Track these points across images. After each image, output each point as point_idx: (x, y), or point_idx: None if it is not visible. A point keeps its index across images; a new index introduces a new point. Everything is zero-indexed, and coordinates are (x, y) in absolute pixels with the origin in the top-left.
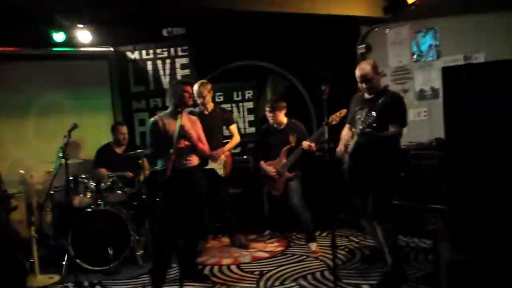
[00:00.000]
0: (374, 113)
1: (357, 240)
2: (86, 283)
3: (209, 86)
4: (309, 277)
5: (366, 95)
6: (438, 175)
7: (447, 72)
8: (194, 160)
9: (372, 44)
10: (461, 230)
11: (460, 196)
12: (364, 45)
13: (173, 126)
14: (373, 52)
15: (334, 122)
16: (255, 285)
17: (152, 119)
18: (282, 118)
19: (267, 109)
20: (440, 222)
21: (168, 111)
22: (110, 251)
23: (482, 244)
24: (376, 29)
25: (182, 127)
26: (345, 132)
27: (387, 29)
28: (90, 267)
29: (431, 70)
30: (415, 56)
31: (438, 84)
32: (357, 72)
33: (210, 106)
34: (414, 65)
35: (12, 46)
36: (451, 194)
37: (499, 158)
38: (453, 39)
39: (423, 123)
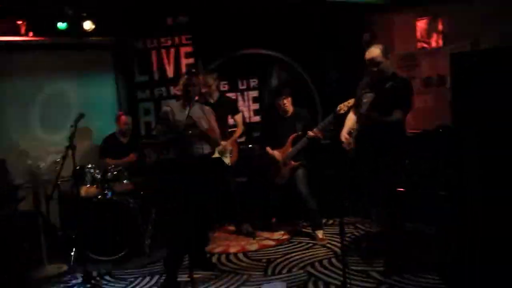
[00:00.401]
0: (379, 97)
1: (363, 227)
2: (94, 273)
3: (214, 75)
4: (317, 264)
5: (374, 79)
6: (443, 162)
7: (455, 59)
8: (206, 149)
9: (377, 31)
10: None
11: (463, 183)
12: (369, 32)
13: (182, 116)
14: (378, 39)
15: (342, 111)
16: (262, 273)
17: (164, 107)
18: (289, 105)
19: (273, 95)
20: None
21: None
22: (117, 241)
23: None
24: (382, 16)
25: (189, 117)
26: (350, 118)
27: (393, 16)
28: (98, 257)
29: (437, 56)
30: (421, 43)
31: (444, 71)
32: (367, 55)
33: (216, 95)
34: (420, 52)
35: (17, 36)
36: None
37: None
38: (459, 25)
39: (429, 110)
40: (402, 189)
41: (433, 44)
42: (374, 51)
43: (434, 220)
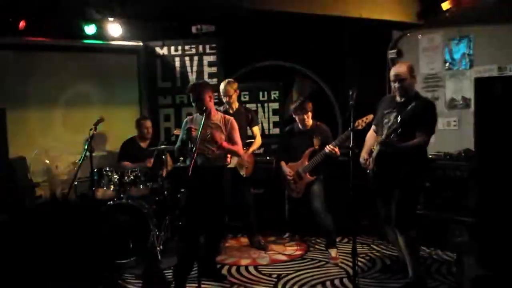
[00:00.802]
0: (399, 119)
1: (378, 248)
2: (106, 275)
3: (235, 85)
4: (328, 283)
5: (398, 98)
6: (466, 186)
7: (480, 83)
8: (221, 159)
9: (404, 49)
10: (489, 245)
11: (489, 209)
12: (395, 50)
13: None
14: (404, 57)
15: (359, 127)
16: None
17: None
18: (308, 120)
19: (293, 109)
20: (466, 235)
21: None
22: (130, 245)
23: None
24: (408, 34)
25: (202, 127)
26: (370, 136)
27: (420, 35)
28: (110, 260)
29: (463, 79)
30: (447, 64)
31: (469, 93)
32: (392, 71)
33: (235, 105)
34: (446, 73)
35: (44, 37)
36: (480, 207)
37: None
38: (487, 48)
39: (453, 133)
40: (421, 213)
41: (460, 65)
42: (400, 67)
43: (454, 247)
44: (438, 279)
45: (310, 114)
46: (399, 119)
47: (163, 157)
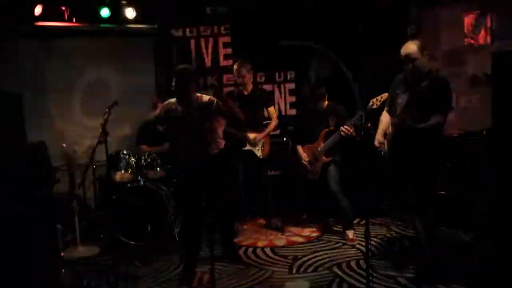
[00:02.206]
0: (413, 98)
1: (397, 230)
2: (124, 257)
3: (248, 66)
4: (344, 265)
5: (410, 77)
6: (488, 165)
7: (498, 58)
8: (211, 148)
9: (423, 25)
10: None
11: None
12: (414, 26)
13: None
14: (424, 34)
15: (374, 106)
16: (287, 270)
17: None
18: (323, 103)
19: (307, 99)
20: (486, 215)
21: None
22: (148, 227)
23: None
24: (428, 9)
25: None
26: (384, 117)
27: (440, 10)
28: (129, 242)
29: (485, 54)
30: (468, 39)
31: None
32: (402, 51)
33: (250, 86)
34: (467, 48)
35: (60, 21)
36: (498, 185)
37: None
38: (509, 22)
39: (475, 110)
40: (442, 193)
41: (481, 41)
42: (410, 47)
43: (472, 227)
44: (457, 261)
45: (324, 98)
46: (412, 98)
47: None
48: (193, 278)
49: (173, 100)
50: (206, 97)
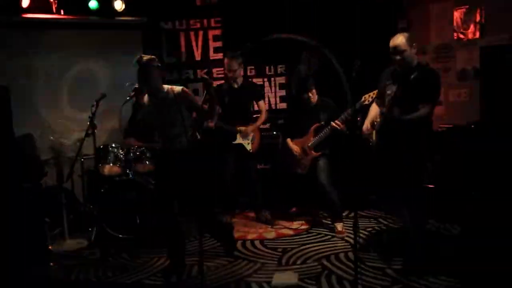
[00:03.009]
0: (401, 90)
1: (385, 222)
2: (112, 250)
3: (239, 60)
4: (332, 257)
5: (399, 69)
6: (476, 159)
7: (486, 52)
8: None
9: (414, 19)
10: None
11: (493, 181)
12: (404, 20)
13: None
14: (414, 27)
15: (366, 102)
16: (276, 262)
17: None
18: (313, 97)
19: (295, 90)
20: (473, 208)
21: None
22: (137, 220)
23: None
24: (419, 4)
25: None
26: (373, 108)
27: (430, 4)
28: (117, 235)
29: (474, 49)
30: (458, 34)
31: None
32: (390, 43)
33: (240, 80)
34: (457, 43)
35: (48, 13)
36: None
37: None
38: (498, 17)
39: (463, 105)
40: (430, 186)
41: (470, 35)
42: (398, 39)
43: (460, 220)
44: (444, 254)
45: (314, 90)
46: (401, 89)
47: None
48: (182, 270)
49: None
50: (177, 88)
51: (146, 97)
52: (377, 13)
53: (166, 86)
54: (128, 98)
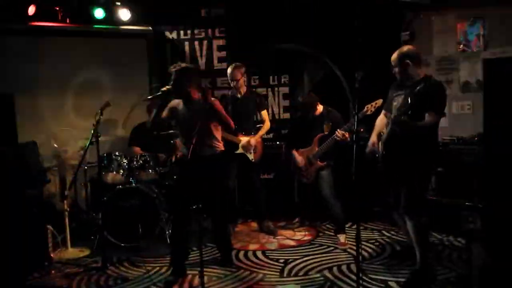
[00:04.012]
0: (409, 100)
1: (389, 235)
2: (114, 259)
3: (243, 69)
4: (335, 269)
5: (405, 81)
6: (479, 172)
7: (489, 64)
8: (206, 151)
9: (417, 31)
10: (499, 233)
11: (498, 195)
12: (408, 32)
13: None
14: (417, 39)
15: (369, 112)
16: (278, 274)
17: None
18: (317, 109)
19: (300, 108)
20: (478, 222)
21: None
22: (139, 229)
23: None
24: (422, 16)
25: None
26: (380, 120)
27: (433, 17)
28: (119, 243)
29: (477, 61)
30: (461, 46)
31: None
32: (392, 57)
33: (243, 89)
34: (460, 55)
35: (54, 22)
36: (488, 193)
37: None
38: (502, 29)
39: (466, 117)
40: (433, 198)
41: (474, 48)
42: (393, 56)
43: (465, 233)
44: (448, 266)
45: (317, 104)
46: (408, 100)
47: (172, 142)
48: (183, 280)
49: (178, 100)
50: (210, 100)
51: (177, 102)
52: (381, 25)
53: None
54: (149, 97)
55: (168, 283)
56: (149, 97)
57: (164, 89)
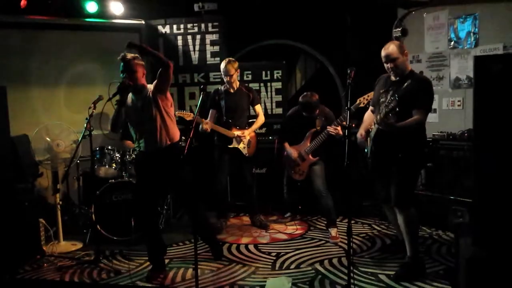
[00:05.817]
0: (396, 97)
1: (379, 228)
2: (107, 252)
3: (236, 65)
4: (326, 262)
5: (392, 77)
6: (468, 167)
7: (479, 61)
8: (160, 139)
9: (408, 28)
10: (486, 226)
11: (486, 190)
12: (400, 29)
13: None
14: (409, 36)
15: (361, 105)
16: (270, 267)
17: None
18: (315, 113)
19: (301, 109)
20: (466, 216)
21: None
22: (131, 222)
23: (507, 242)
24: (413, 12)
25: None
26: (368, 115)
27: (425, 13)
28: (112, 237)
29: (468, 58)
30: (452, 43)
31: None
32: (382, 52)
33: (236, 84)
34: (451, 52)
35: (46, 15)
36: (478, 188)
37: None
38: (493, 27)
39: (457, 113)
40: (422, 192)
41: (465, 44)
42: (389, 47)
43: (454, 227)
44: (437, 260)
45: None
46: (396, 97)
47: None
48: (160, 274)
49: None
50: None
51: (129, 96)
52: (373, 21)
53: (147, 85)
54: (111, 95)
55: (148, 278)
56: (110, 96)
57: (120, 85)
